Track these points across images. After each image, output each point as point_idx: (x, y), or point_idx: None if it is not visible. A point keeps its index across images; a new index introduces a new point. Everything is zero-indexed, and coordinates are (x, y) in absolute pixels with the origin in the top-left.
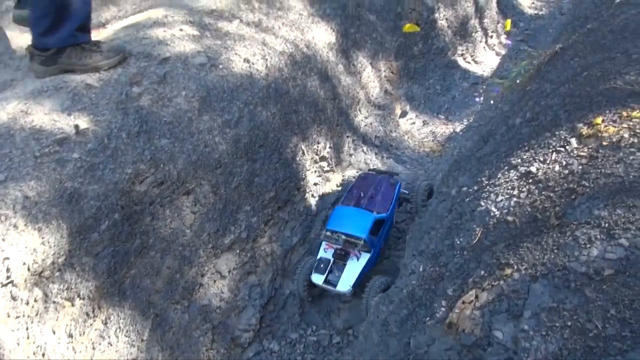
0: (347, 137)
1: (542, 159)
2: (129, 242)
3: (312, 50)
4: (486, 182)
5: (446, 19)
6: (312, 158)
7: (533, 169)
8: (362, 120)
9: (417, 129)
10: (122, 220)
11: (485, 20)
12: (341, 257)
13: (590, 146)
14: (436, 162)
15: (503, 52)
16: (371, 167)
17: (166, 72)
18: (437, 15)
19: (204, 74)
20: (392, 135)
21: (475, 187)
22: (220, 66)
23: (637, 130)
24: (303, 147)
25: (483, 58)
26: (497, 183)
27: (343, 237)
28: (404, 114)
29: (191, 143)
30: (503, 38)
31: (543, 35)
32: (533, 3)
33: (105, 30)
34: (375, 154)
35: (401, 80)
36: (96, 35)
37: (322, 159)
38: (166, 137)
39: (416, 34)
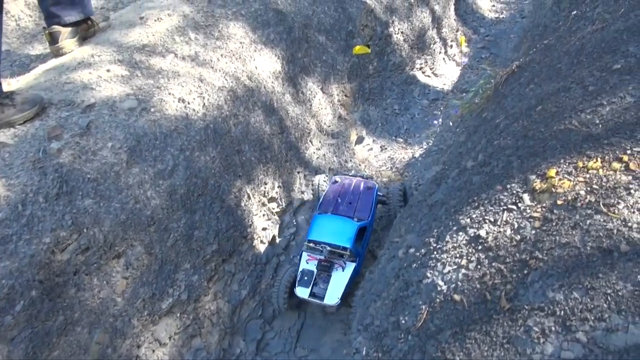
0: (298, 172)
1: (492, 219)
2: (50, 321)
3: (255, 81)
4: (434, 246)
5: (402, 32)
6: (259, 201)
7: (483, 232)
8: (313, 152)
9: (375, 156)
10: (41, 296)
11: (444, 30)
12: (325, 269)
13: (544, 204)
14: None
15: (464, 61)
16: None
17: (90, 121)
18: (391, 29)
19: (133, 120)
20: (348, 165)
21: (422, 250)
22: (152, 109)
23: (594, 186)
24: (248, 191)
25: (443, 70)
26: (444, 248)
27: (327, 248)
28: (360, 140)
29: (119, 201)
30: (464, 46)
31: (504, 41)
32: (493, 6)
33: (23, 77)
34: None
35: (356, 103)
36: (9, 85)
37: (271, 200)
38: (90, 197)
39: (370, 51)
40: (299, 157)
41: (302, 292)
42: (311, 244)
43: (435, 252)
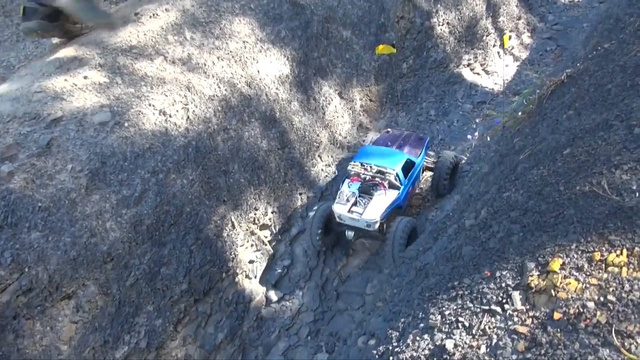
0: (300, 194)
1: (467, 324)
2: None
3: (255, 88)
4: (394, 345)
5: (447, 23)
6: (247, 229)
7: (450, 344)
8: (321, 169)
9: None
10: None
11: (501, 19)
12: (367, 191)
13: (537, 313)
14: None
15: (524, 55)
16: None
17: (52, 138)
18: (434, 20)
19: (102, 137)
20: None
21: (381, 349)
22: (127, 124)
23: (610, 297)
24: (233, 218)
25: (496, 66)
26: (401, 356)
27: (374, 167)
28: None
29: (71, 234)
30: (526, 37)
31: (575, 31)
32: None
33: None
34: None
35: (383, 109)
36: None
37: (263, 227)
38: (38, 230)
39: (395, 51)
40: (302, 176)
41: (340, 208)
42: (357, 164)
43: (391, 355)
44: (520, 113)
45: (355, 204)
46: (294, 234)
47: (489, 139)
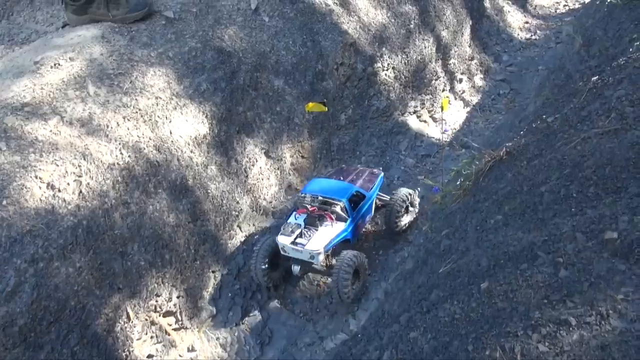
0: (213, 272)
1: None
2: None
3: (165, 152)
4: None
5: (392, 67)
6: (146, 319)
7: None
8: (240, 241)
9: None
10: None
11: (452, 61)
12: (313, 223)
13: None
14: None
15: (475, 99)
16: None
17: None
18: (378, 65)
19: None
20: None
21: None
22: (5, 201)
23: None
24: (129, 308)
25: (447, 113)
26: None
27: (320, 198)
28: None
29: None
30: (478, 79)
31: (531, 74)
32: (526, 23)
33: None
34: (253, 293)
35: (316, 165)
36: None
37: (167, 314)
38: None
39: (344, 94)
40: (217, 251)
41: (284, 239)
42: (302, 196)
43: None
44: (458, 185)
45: (300, 235)
46: (205, 318)
47: (421, 217)
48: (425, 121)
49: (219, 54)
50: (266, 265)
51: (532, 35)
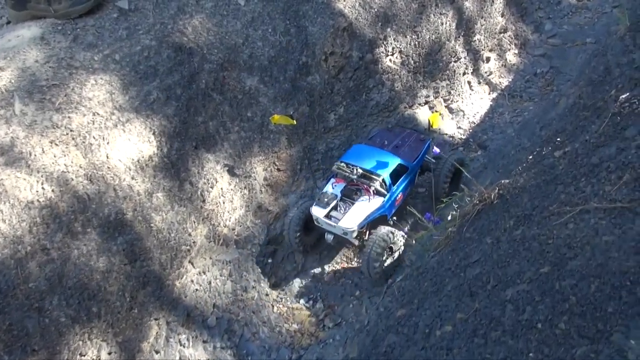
0: (156, 320)
1: None
2: None
3: (98, 182)
4: None
5: (400, 52)
6: None
7: None
8: (191, 280)
9: (300, 279)
10: None
11: (477, 38)
12: (350, 195)
13: None
14: None
15: (506, 81)
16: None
17: None
18: (380, 50)
19: None
20: (248, 296)
21: None
22: None
23: None
24: None
25: (466, 102)
26: None
27: (360, 170)
28: None
29: None
30: (511, 55)
31: (575, 50)
32: None
33: None
34: (204, 341)
35: (296, 179)
36: None
37: None
38: None
39: (335, 90)
40: (161, 295)
41: (318, 211)
42: (342, 165)
43: None
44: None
45: (335, 207)
46: None
47: (413, 241)
48: (439, 112)
49: (178, 52)
50: (300, 230)
51: None
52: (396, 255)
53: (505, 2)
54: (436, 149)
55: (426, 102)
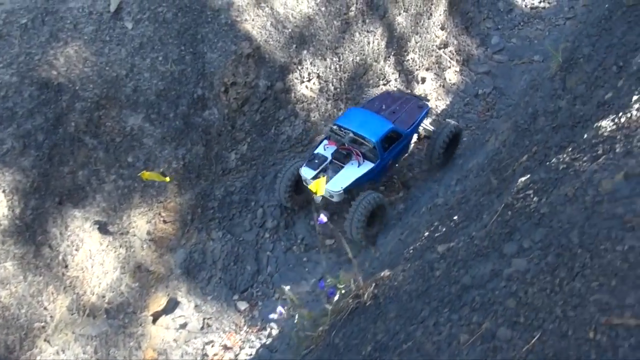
0: None
1: None
2: None
3: None
4: None
5: (317, 77)
6: None
7: None
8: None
9: (186, 341)
10: None
11: (410, 57)
12: (340, 159)
13: None
14: None
15: (444, 103)
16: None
17: None
18: (294, 77)
19: None
20: None
21: None
22: None
23: None
24: None
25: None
26: None
27: (351, 134)
28: (170, 308)
29: None
30: (452, 73)
31: (521, 68)
32: None
33: None
34: None
35: (186, 231)
36: None
37: None
38: None
39: (237, 126)
40: None
41: (307, 172)
42: (335, 128)
43: None
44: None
45: (325, 170)
46: None
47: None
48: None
49: (43, 89)
50: (290, 189)
51: (541, 1)
52: (377, 220)
53: (447, 12)
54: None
55: None
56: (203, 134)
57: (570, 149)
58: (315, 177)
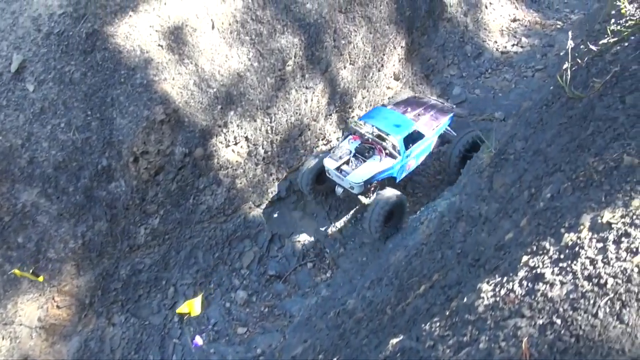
0: None
1: None
2: None
3: None
4: None
5: (245, 139)
6: None
7: None
8: None
9: None
10: None
11: (357, 113)
12: (363, 153)
13: None
14: None
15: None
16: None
17: None
18: (218, 141)
19: None
20: None
21: None
22: None
23: None
24: None
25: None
26: None
27: (376, 130)
28: None
29: None
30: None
31: (479, 126)
32: (515, 22)
33: None
34: None
35: (83, 316)
36: None
37: None
38: None
39: (148, 197)
40: None
41: (330, 163)
42: (361, 122)
43: None
44: None
45: (347, 162)
46: None
47: None
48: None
49: None
50: (312, 180)
51: (514, 45)
52: (395, 218)
53: (405, 60)
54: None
55: (281, 198)
56: (107, 209)
57: (445, 320)
58: (338, 168)
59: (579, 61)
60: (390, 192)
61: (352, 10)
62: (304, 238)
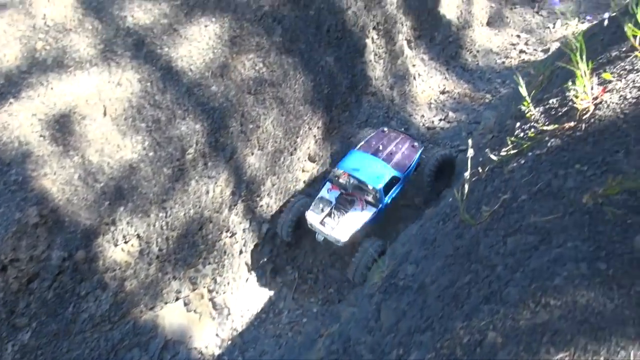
0: None
1: None
2: None
3: None
4: None
5: (137, 237)
6: None
7: None
8: None
9: None
10: None
11: (265, 202)
12: (344, 203)
13: None
14: None
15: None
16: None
17: None
18: (102, 241)
19: None
20: None
21: None
22: None
23: None
24: None
25: (239, 293)
26: None
27: (355, 182)
28: None
29: None
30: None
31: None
32: (444, 93)
33: None
34: None
35: None
36: None
37: None
38: None
39: (17, 310)
40: None
41: (313, 217)
42: (339, 173)
43: None
44: None
45: (330, 214)
46: None
47: None
48: (196, 312)
49: None
50: (293, 225)
51: (440, 120)
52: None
53: (322, 140)
54: None
55: (177, 299)
56: None
57: None
58: (321, 222)
59: (480, 170)
60: (373, 246)
61: (262, 91)
62: (201, 344)
